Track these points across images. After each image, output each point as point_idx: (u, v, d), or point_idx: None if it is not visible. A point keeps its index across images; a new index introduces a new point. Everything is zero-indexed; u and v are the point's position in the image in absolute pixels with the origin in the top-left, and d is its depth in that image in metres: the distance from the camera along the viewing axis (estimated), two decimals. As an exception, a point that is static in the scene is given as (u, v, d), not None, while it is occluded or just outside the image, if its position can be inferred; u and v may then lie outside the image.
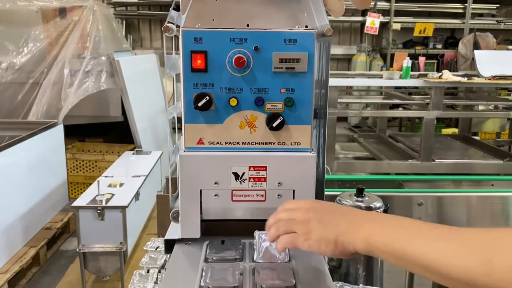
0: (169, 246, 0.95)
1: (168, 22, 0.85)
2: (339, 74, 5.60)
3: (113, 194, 2.56)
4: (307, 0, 0.89)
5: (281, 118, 0.87)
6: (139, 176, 2.95)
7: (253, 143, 0.90)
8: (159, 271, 1.06)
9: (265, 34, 0.86)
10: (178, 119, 0.96)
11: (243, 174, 0.90)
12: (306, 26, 0.87)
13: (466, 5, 7.39)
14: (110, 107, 4.25)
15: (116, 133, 4.49)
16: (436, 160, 4.00)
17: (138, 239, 2.87)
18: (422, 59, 5.53)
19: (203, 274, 0.81)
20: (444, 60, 7.52)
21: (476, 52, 4.86)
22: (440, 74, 4.22)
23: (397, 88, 5.47)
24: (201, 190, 0.91)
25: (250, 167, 0.90)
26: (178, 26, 0.87)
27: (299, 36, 0.86)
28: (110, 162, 3.50)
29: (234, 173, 0.90)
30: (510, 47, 6.27)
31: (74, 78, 3.86)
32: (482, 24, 7.51)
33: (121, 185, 2.75)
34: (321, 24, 0.89)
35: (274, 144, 0.90)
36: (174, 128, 1.06)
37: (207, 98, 0.86)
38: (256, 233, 0.91)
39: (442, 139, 4.95)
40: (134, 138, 3.89)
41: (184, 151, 0.90)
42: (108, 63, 3.97)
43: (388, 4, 7.44)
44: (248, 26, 0.87)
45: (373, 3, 7.20)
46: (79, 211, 2.42)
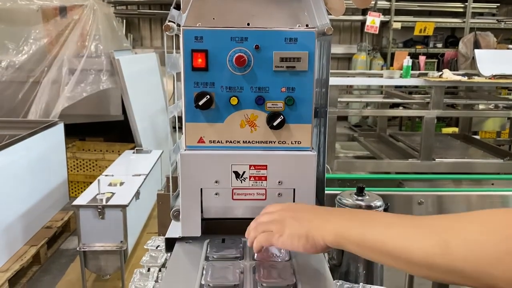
0: (169, 244, 0.95)
1: (168, 21, 0.85)
2: (340, 73, 5.61)
3: (113, 193, 2.57)
4: (308, -1, 0.89)
5: (281, 117, 0.87)
6: (140, 175, 2.95)
7: (253, 142, 0.90)
8: (160, 270, 1.06)
9: (265, 33, 0.86)
10: (179, 118, 0.96)
11: (244, 173, 0.90)
12: (307, 25, 0.87)
13: (466, 4, 7.39)
14: (110, 106, 4.24)
15: (116, 132, 4.49)
16: (436, 159, 4.01)
17: (138, 238, 2.88)
18: (422, 58, 5.52)
19: (204, 272, 0.81)
20: (444, 59, 7.52)
21: (476, 51, 4.85)
22: (440, 73, 4.21)
23: (397, 87, 5.47)
24: (201, 189, 0.91)
25: (250, 166, 0.90)
26: (178, 25, 0.87)
27: (300, 35, 0.86)
28: (110, 161, 3.50)
29: (234, 171, 0.90)
30: (511, 46, 6.27)
31: (73, 77, 3.86)
32: (483, 23, 7.51)
33: (121, 184, 2.76)
34: (321, 23, 0.89)
35: (274, 143, 0.91)
36: (174, 127, 1.06)
37: (208, 97, 0.86)
38: None
39: (442, 138, 4.94)
40: (134, 137, 3.89)
41: (184, 150, 0.90)
42: (108, 62, 3.97)
43: (388, 3, 7.43)
44: (248, 25, 0.87)
45: (373, 2, 7.20)
46: (80, 210, 2.42)
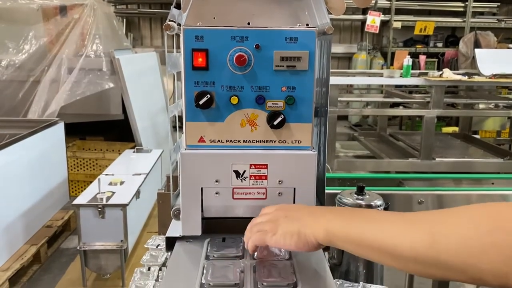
0: (170, 243, 0.95)
1: (169, 20, 0.85)
2: (340, 72, 5.61)
3: (113, 192, 2.57)
4: (308, -2, 0.89)
5: (282, 116, 0.87)
6: (140, 174, 2.95)
7: (254, 141, 0.90)
8: (160, 269, 1.07)
9: (266, 32, 0.86)
10: (179, 117, 0.96)
11: (244, 172, 0.90)
12: (307, 25, 0.87)
13: (467, 3, 7.39)
14: (110, 105, 4.24)
15: (116, 131, 4.49)
16: (436, 158, 4.01)
17: (138, 237, 2.88)
18: (422, 58, 5.52)
19: (204, 271, 0.81)
20: (444, 58, 7.52)
21: (476, 50, 4.86)
22: (440, 72, 4.21)
23: (397, 86, 5.48)
24: (202, 188, 0.91)
25: (251, 165, 0.90)
26: (179, 24, 0.87)
27: (300, 34, 0.86)
28: (110, 160, 3.50)
29: (235, 171, 0.90)
30: (511, 46, 6.26)
31: (71, 76, 3.85)
32: (483, 22, 7.51)
33: (121, 183, 2.76)
34: (322, 22, 0.89)
35: (275, 142, 0.91)
36: (175, 126, 1.06)
37: (208, 96, 0.86)
38: None
39: (442, 138, 4.95)
40: (134, 136, 3.89)
41: (185, 149, 0.90)
42: (108, 62, 3.97)
43: (388, 2, 7.43)
44: (249, 24, 0.87)
45: (373, 2, 7.20)
46: (80, 209, 2.43)
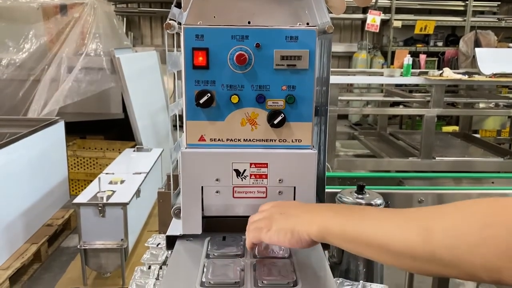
0: (170, 242, 0.95)
1: (169, 19, 0.85)
2: (340, 71, 5.61)
3: (114, 191, 2.57)
4: (309, -3, 0.89)
5: (282, 115, 0.87)
6: (140, 173, 2.96)
7: (254, 140, 0.91)
8: (161, 267, 1.07)
9: (266, 31, 0.86)
10: (179, 116, 0.96)
11: (244, 171, 0.90)
12: (308, 23, 0.87)
13: (467, 2, 7.39)
14: (110, 104, 4.24)
15: (116, 130, 4.49)
16: (436, 157, 4.01)
17: (139, 236, 2.89)
18: (422, 57, 5.52)
19: (205, 270, 0.82)
20: (445, 57, 7.52)
21: (477, 49, 4.86)
22: (440, 71, 4.21)
23: (397, 85, 5.47)
24: (202, 187, 0.91)
25: (251, 164, 0.90)
26: (179, 23, 0.87)
27: (301, 33, 0.86)
28: (111, 159, 3.51)
29: (235, 170, 0.90)
30: (511, 45, 6.26)
31: (70, 76, 3.85)
32: (483, 21, 7.51)
33: (122, 182, 2.76)
34: (322, 21, 0.89)
35: (275, 141, 0.91)
36: (175, 125, 1.06)
37: (209, 95, 0.86)
38: None
39: (442, 137, 4.95)
40: (134, 135, 3.89)
41: (185, 148, 0.90)
42: (108, 61, 3.97)
43: (389, 1, 7.43)
44: (249, 23, 0.87)
45: (374, 1, 7.20)
46: (80, 208, 2.43)
